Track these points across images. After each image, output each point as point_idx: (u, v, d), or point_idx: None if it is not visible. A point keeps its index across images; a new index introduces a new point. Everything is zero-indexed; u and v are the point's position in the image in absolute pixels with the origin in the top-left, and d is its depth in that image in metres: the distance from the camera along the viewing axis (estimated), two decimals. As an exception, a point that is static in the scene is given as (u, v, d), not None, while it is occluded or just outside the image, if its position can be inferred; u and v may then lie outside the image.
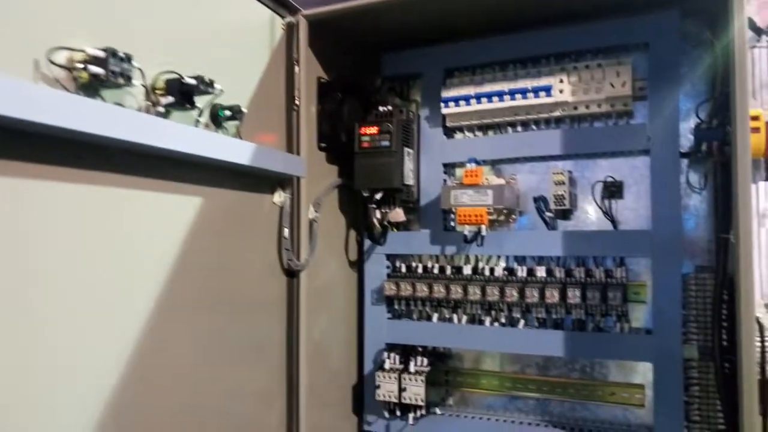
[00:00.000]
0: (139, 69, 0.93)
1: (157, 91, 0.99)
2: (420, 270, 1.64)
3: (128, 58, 0.88)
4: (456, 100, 1.58)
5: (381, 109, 1.58)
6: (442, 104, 1.59)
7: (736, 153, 1.11)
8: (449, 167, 1.66)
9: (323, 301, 1.59)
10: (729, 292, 1.32)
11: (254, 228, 1.36)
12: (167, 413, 1.09)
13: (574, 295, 1.42)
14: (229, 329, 1.27)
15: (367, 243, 1.69)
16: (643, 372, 1.50)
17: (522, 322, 1.52)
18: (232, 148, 1.14)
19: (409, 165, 1.60)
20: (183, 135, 0.99)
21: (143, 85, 0.95)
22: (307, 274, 1.47)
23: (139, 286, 1.03)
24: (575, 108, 1.47)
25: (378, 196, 1.55)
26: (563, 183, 1.47)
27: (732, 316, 1.30)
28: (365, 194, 1.57)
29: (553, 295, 1.44)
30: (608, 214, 1.49)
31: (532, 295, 1.46)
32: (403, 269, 1.67)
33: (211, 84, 1.05)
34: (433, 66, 1.64)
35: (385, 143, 1.53)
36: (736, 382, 1.18)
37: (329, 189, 1.58)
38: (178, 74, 1.01)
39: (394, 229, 1.67)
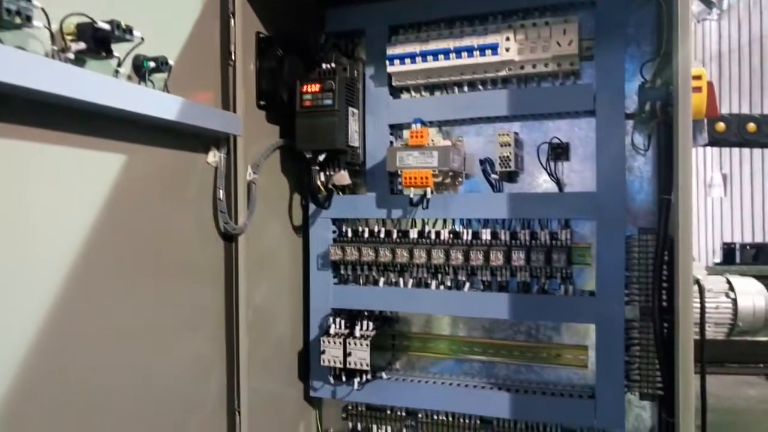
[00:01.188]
0: (42, 9, 0.85)
1: (66, 36, 0.90)
2: (366, 234, 1.60)
3: (28, -2, 0.80)
4: (401, 58, 1.52)
5: (324, 66, 1.52)
6: (388, 62, 1.53)
7: (677, 112, 1.09)
8: (396, 129, 1.61)
9: (266, 266, 1.54)
10: (669, 254, 1.32)
11: (187, 189, 1.29)
12: (94, 387, 1.03)
13: (518, 258, 1.41)
14: (161, 296, 1.21)
15: (312, 207, 1.64)
16: (585, 333, 1.51)
17: (467, 285, 1.50)
18: (155, 102, 1.06)
19: (353, 125, 1.54)
20: (95, 84, 0.91)
21: (47, 28, 0.87)
22: (246, 238, 1.41)
23: (53, 252, 0.96)
24: (522, 67, 1.44)
25: (321, 157, 1.50)
26: (509, 144, 1.44)
27: (672, 278, 1.30)
28: (308, 156, 1.51)
29: (497, 258, 1.43)
30: (553, 175, 1.47)
31: (477, 258, 1.45)
32: (350, 234, 1.62)
33: (128, 31, 0.97)
34: (378, 22, 1.58)
35: (328, 102, 1.47)
36: (673, 342, 1.19)
37: (270, 150, 1.51)
38: (90, 18, 0.92)
39: (340, 193, 1.62)
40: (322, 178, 1.56)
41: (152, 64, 1.08)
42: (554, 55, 1.40)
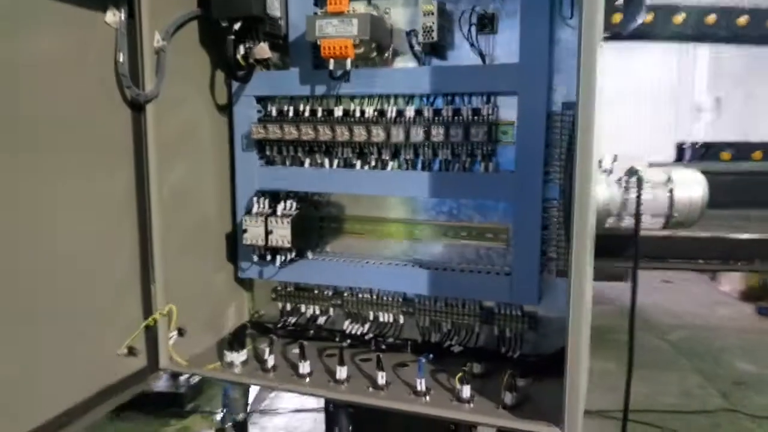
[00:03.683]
0: None
1: None
2: (291, 113, 1.54)
3: None
4: None
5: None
6: None
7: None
8: (321, -1, 1.52)
9: (184, 143, 1.49)
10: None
11: (86, 51, 1.22)
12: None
13: (437, 133, 1.37)
14: (63, 168, 1.17)
15: (236, 85, 1.57)
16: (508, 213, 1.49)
17: (390, 164, 1.47)
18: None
19: (273, -7, 1.45)
20: None
21: None
22: (155, 108, 1.35)
23: None
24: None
25: (236, 26, 1.42)
26: (432, 13, 1.36)
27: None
28: (224, 24, 1.42)
29: (417, 134, 1.39)
30: (474, 46, 1.41)
31: (398, 135, 1.41)
32: (274, 113, 1.57)
33: None
34: None
35: (240, -35, 1.37)
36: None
37: (184, 17, 1.43)
38: None
39: (262, 69, 1.55)
40: (242, 51, 1.48)
41: None
42: None
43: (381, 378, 1.35)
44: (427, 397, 1.31)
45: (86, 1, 1.20)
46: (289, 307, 1.69)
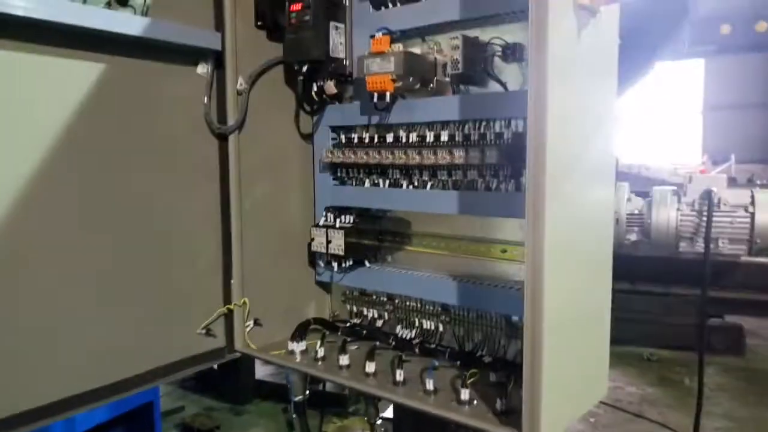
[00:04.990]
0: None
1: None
2: (356, 140, 1.79)
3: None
4: (377, -27, 1.64)
5: (311, -13, 1.70)
6: (364, -22, 1.66)
7: None
8: (378, 40, 1.74)
9: (268, 166, 1.82)
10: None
11: (180, 95, 1.61)
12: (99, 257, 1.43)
13: (459, 156, 1.50)
14: (161, 184, 1.56)
15: (317, 116, 1.86)
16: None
17: (429, 184, 1.63)
18: (123, 23, 1.37)
19: (336, 38, 1.72)
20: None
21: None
22: (237, 138, 1.70)
23: (67, 151, 1.34)
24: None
25: (304, 68, 1.70)
26: (458, 48, 1.50)
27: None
28: (296, 68, 1.72)
29: (444, 157, 1.53)
30: (491, 75, 1.51)
31: (429, 158, 1.56)
32: (343, 139, 1.82)
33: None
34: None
35: (307, 18, 1.66)
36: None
37: (266, 64, 1.76)
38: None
39: (336, 102, 1.81)
40: (315, 89, 1.76)
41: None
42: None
43: (399, 375, 1.51)
44: (432, 397, 1.43)
45: (181, 59, 1.59)
46: (355, 309, 1.92)
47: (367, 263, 1.81)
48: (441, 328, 1.70)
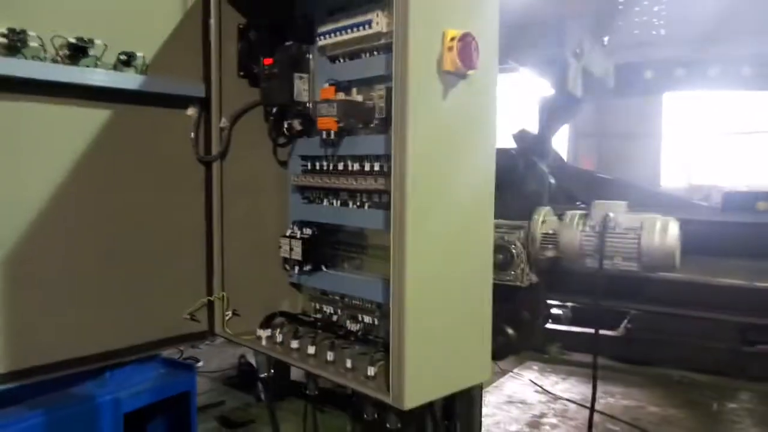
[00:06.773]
0: (38, 36, 1.68)
1: (59, 50, 1.73)
2: (316, 167, 2.20)
3: (23, 32, 1.63)
4: (329, 33, 2.05)
5: (284, 44, 2.12)
6: (320, 38, 2.08)
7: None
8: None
9: (249, 188, 2.26)
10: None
11: (174, 132, 2.07)
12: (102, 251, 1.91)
13: (382, 183, 1.88)
14: (152, 203, 2.03)
15: (290, 147, 2.29)
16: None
17: (367, 204, 2.01)
18: (120, 80, 1.85)
19: (301, 86, 2.14)
20: (72, 72, 1.73)
21: (41, 45, 1.69)
22: (218, 165, 2.15)
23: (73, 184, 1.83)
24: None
25: (274, 110, 2.13)
26: (382, 97, 1.89)
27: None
28: (268, 109, 2.16)
29: (371, 183, 1.91)
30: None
31: (361, 183, 1.95)
32: (308, 166, 2.24)
33: (91, 42, 1.76)
34: (321, 6, 2.11)
35: (275, 70, 2.10)
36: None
37: (246, 106, 2.20)
38: (63, 36, 1.73)
39: (304, 137, 2.23)
40: (285, 125, 2.19)
41: (123, 57, 1.86)
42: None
43: (330, 356, 1.89)
44: (350, 374, 1.81)
45: (173, 104, 2.06)
46: (317, 306, 2.31)
47: (323, 268, 2.20)
48: (376, 322, 2.07)
